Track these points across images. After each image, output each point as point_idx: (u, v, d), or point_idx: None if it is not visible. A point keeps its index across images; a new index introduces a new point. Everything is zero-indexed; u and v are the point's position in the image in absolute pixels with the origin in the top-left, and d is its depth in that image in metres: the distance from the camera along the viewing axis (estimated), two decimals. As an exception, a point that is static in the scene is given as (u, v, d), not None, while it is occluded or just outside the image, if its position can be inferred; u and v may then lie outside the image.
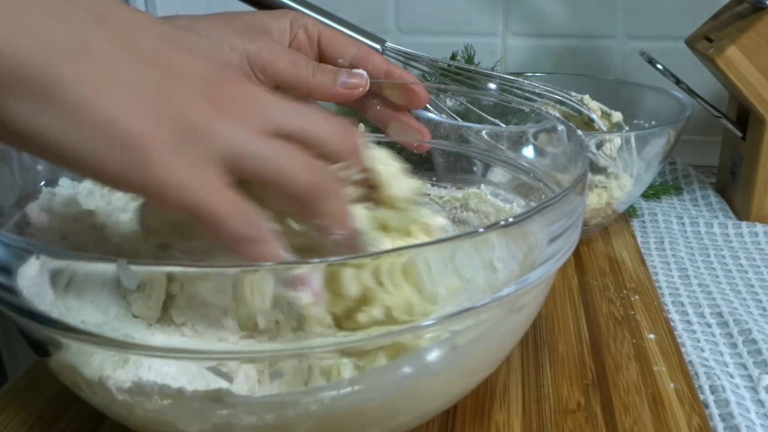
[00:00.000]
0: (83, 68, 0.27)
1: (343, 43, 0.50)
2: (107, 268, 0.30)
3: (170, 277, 0.33)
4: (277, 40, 0.48)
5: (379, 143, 0.54)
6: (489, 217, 0.52)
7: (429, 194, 0.54)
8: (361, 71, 0.48)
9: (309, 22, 0.50)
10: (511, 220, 0.31)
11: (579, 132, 0.44)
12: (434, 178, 0.55)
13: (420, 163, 0.55)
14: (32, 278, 0.30)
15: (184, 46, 0.30)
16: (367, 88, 0.48)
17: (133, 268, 0.28)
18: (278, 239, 0.31)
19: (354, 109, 0.53)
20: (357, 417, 0.33)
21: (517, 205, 0.50)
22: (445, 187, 0.54)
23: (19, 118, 0.26)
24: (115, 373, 0.31)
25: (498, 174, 0.52)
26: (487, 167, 0.53)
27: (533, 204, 0.48)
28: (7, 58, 0.26)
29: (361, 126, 0.55)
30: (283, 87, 0.48)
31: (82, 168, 0.28)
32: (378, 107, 0.52)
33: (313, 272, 0.29)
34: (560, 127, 0.46)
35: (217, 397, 0.30)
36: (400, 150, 0.55)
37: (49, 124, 0.26)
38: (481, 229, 0.31)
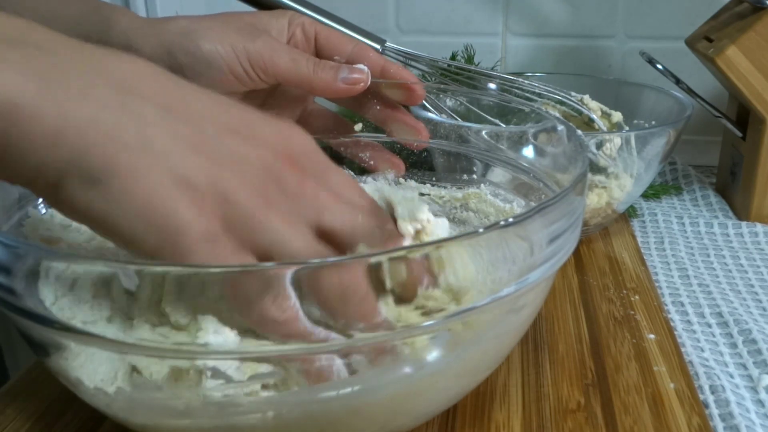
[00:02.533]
0: (141, 163, 0.28)
1: (339, 41, 0.51)
2: (106, 268, 0.30)
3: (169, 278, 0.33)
4: (276, 39, 0.48)
5: (379, 142, 0.55)
6: (489, 217, 0.52)
7: (429, 194, 0.54)
8: (361, 66, 0.48)
9: (306, 20, 0.51)
10: (511, 220, 0.31)
11: (579, 132, 0.44)
12: (434, 178, 0.55)
13: (420, 163, 0.55)
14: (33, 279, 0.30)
15: (246, 135, 0.31)
16: (369, 83, 0.48)
17: (133, 267, 0.28)
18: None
19: (353, 108, 0.53)
20: (357, 417, 0.33)
21: (517, 205, 0.50)
22: (445, 187, 0.54)
23: (76, 198, 0.28)
24: (114, 373, 0.31)
25: (498, 174, 0.52)
26: (487, 167, 0.53)
27: (533, 204, 0.47)
28: (73, 149, 0.27)
29: (360, 125, 0.55)
30: (284, 84, 0.49)
31: (127, 244, 0.29)
32: (376, 106, 0.52)
33: None
34: (560, 127, 0.46)
35: (217, 398, 0.30)
36: (400, 149, 0.55)
37: (101, 207, 0.28)
38: (481, 229, 0.31)
